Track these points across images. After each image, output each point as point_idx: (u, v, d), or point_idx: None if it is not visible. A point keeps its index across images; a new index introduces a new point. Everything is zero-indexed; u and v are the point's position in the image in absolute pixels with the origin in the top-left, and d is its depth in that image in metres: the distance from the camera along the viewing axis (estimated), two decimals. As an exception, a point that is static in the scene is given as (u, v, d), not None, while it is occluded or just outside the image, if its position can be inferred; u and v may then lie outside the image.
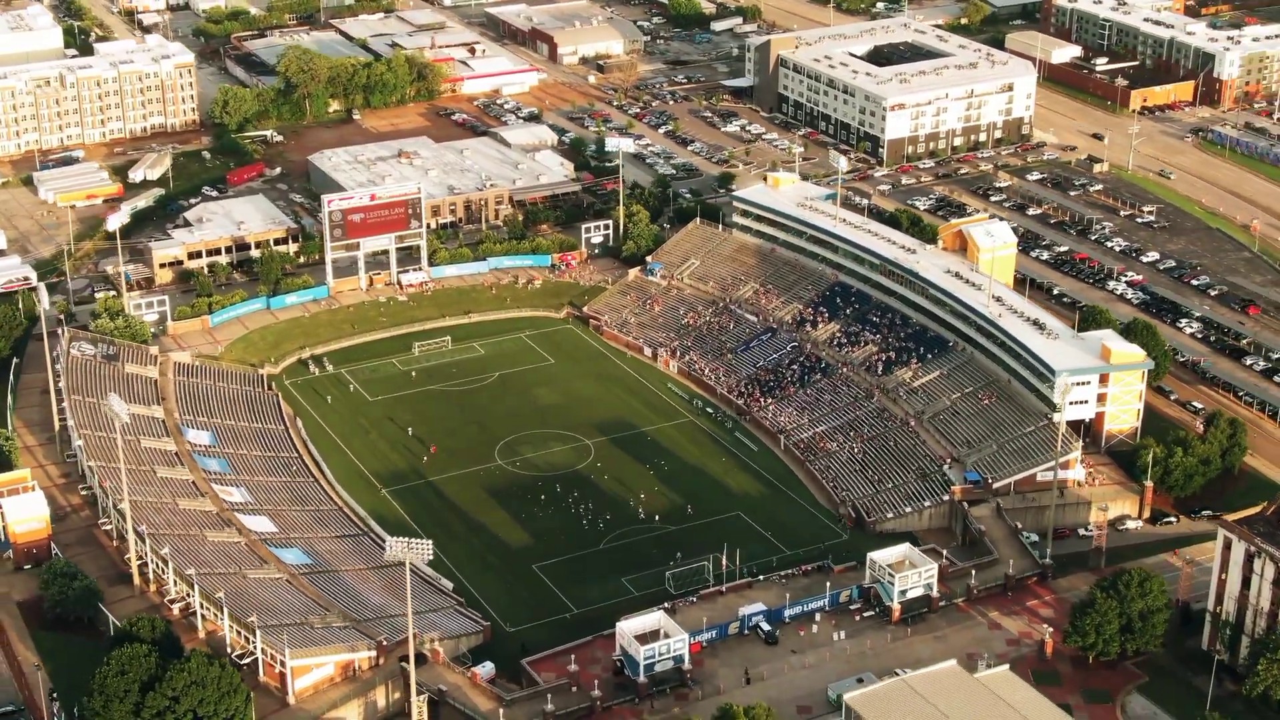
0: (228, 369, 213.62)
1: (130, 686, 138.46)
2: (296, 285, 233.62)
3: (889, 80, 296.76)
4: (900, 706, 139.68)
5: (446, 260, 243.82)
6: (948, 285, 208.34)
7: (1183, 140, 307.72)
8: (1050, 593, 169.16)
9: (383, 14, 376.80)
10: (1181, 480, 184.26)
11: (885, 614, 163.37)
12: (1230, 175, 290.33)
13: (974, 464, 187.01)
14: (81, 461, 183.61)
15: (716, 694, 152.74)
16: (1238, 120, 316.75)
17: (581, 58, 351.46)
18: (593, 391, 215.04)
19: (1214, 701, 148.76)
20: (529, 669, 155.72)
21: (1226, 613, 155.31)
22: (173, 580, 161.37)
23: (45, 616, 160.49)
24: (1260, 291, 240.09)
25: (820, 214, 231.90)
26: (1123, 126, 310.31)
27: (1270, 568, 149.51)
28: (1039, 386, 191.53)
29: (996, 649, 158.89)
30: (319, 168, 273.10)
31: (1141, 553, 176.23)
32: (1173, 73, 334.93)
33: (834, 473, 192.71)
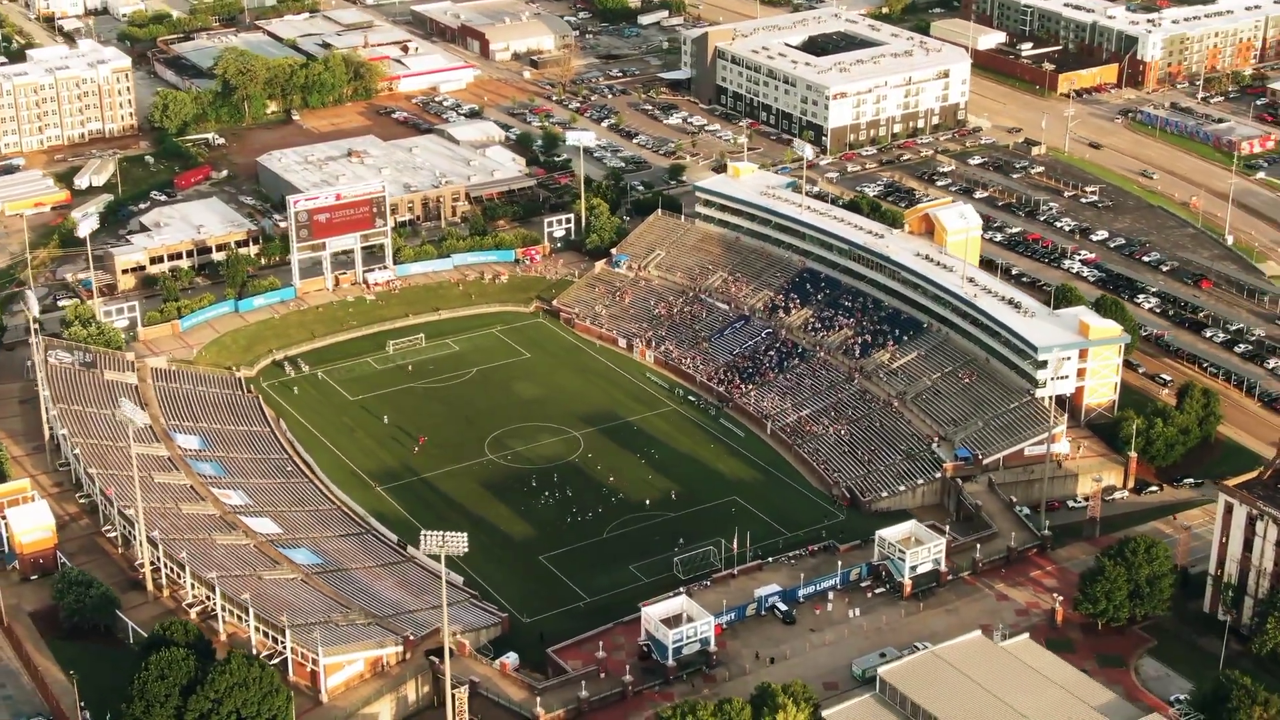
0: (205, 373, 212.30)
1: (171, 691, 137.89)
2: (264, 287, 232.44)
3: (829, 70, 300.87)
4: (934, 678, 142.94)
5: (411, 258, 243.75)
6: (921, 268, 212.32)
7: (1113, 121, 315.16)
8: (1051, 563, 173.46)
9: (308, 14, 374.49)
10: (1163, 450, 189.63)
11: (896, 590, 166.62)
12: (1163, 154, 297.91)
13: (962, 441, 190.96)
14: (77, 470, 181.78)
15: (742, 674, 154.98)
16: (1163, 100, 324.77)
17: (514, 54, 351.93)
18: (574, 384, 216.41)
19: (1222, 660, 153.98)
20: (555, 657, 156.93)
21: (1229, 575, 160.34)
22: (190, 584, 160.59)
23: (62, 626, 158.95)
24: (1210, 266, 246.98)
25: (785, 202, 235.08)
26: (1052, 109, 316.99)
27: (1273, 529, 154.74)
28: (1019, 363, 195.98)
29: (1007, 620, 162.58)
30: (269, 169, 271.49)
31: (1130, 521, 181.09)
32: (1096, 56, 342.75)
33: (823, 455, 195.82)
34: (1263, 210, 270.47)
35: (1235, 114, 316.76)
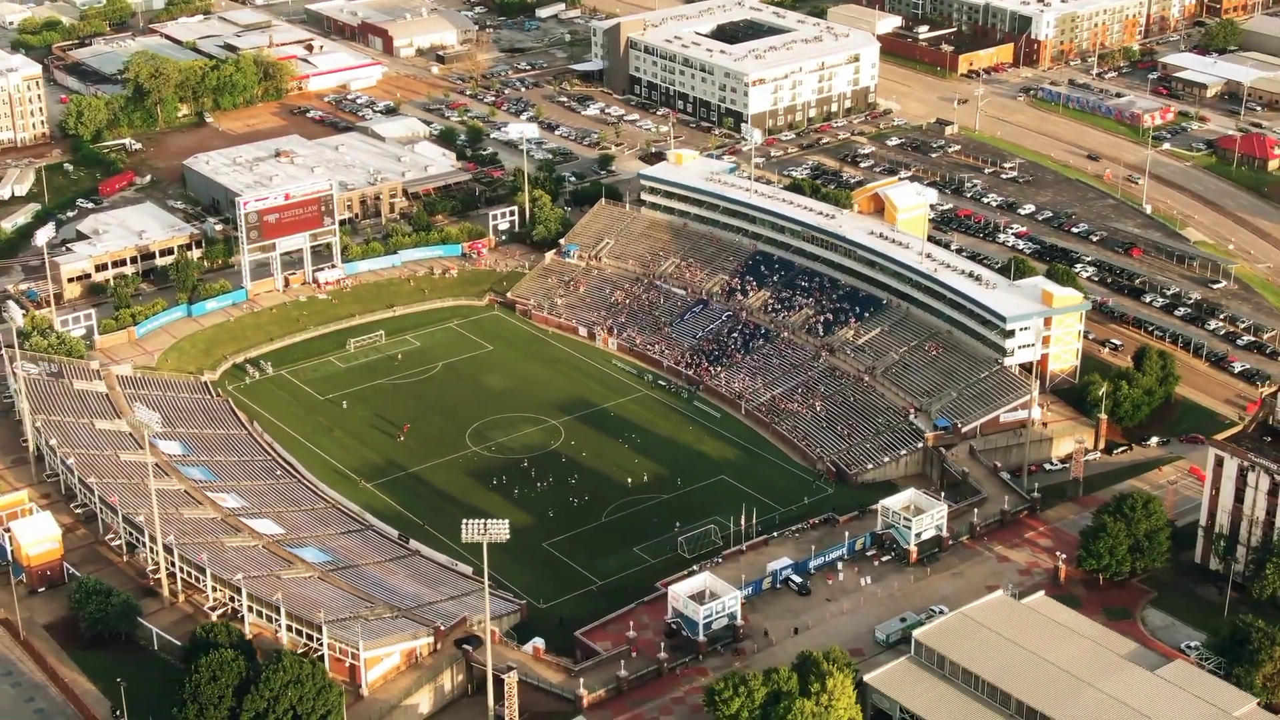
0: (171, 379, 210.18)
1: (224, 692, 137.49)
2: (215, 290, 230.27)
3: (745, 57, 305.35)
4: (967, 637, 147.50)
5: (359, 256, 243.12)
6: (880, 247, 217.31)
7: (1015, 100, 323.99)
8: (1042, 524, 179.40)
9: (202, 16, 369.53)
10: (1130, 411, 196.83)
11: (903, 557, 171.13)
12: (1068, 129, 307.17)
13: (939, 411, 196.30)
14: (67, 481, 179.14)
15: (769, 646, 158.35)
16: (1061, 78, 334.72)
17: (418, 50, 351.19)
18: (542, 374, 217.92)
19: (1226, 607, 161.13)
20: (584, 640, 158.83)
21: (1220, 526, 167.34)
22: (210, 588, 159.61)
23: (83, 636, 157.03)
24: (1138, 234, 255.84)
25: (733, 186, 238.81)
26: (955, 90, 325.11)
27: (1265, 479, 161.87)
28: (986, 334, 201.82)
29: (1011, 580, 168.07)
30: (197, 172, 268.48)
31: (1108, 481, 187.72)
32: (990, 37, 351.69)
33: (803, 431, 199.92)
34: (1174, 180, 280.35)
35: (1130, 88, 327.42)
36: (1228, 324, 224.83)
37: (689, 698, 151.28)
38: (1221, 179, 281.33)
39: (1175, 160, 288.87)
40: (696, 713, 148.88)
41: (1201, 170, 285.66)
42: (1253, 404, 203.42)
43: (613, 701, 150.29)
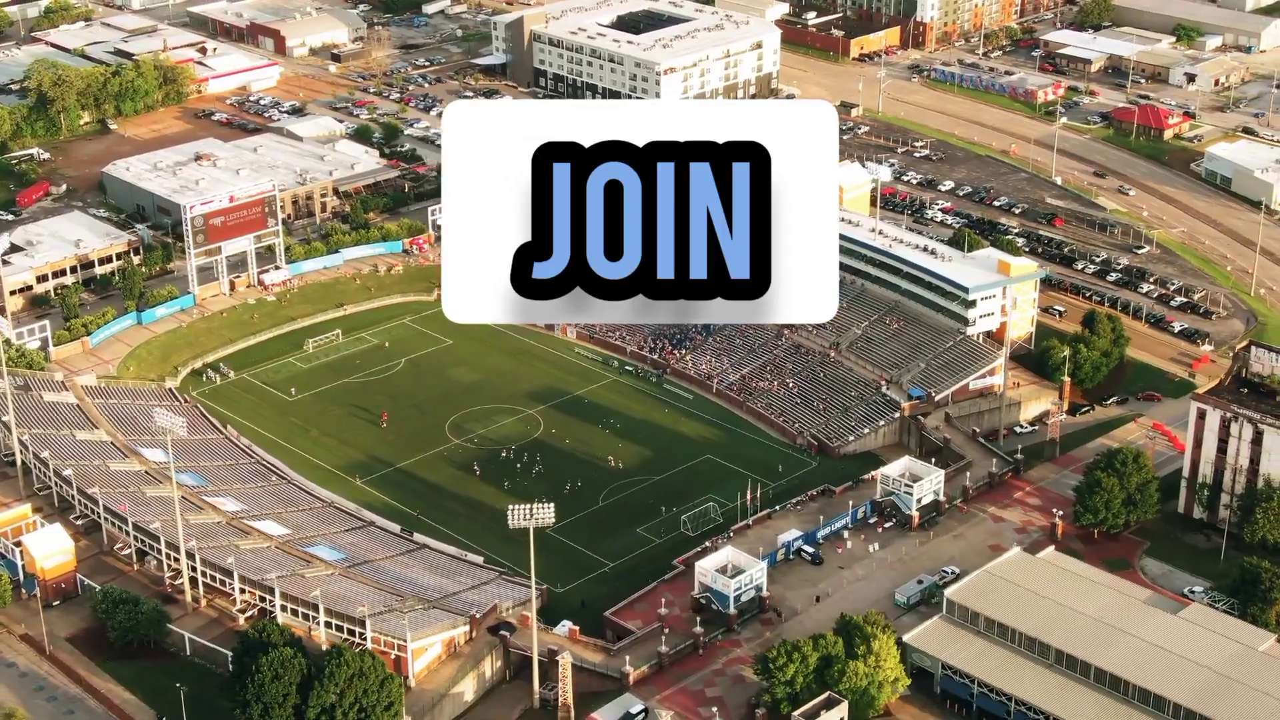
0: (136, 387, 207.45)
1: (288, 690, 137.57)
2: (163, 297, 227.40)
3: (653, 47, 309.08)
4: (996, 593, 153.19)
5: (302, 256, 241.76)
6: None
7: (910, 81, 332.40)
8: (1027, 484, 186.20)
9: (83, 22, 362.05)
10: (1091, 373, 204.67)
11: (904, 523, 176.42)
12: (965, 108, 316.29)
13: (911, 381, 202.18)
14: (63, 492, 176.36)
15: (794, 614, 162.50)
16: (950, 58, 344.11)
17: (311, 49, 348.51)
18: (508, 365, 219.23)
19: (1214, 552, 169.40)
20: (614, 620, 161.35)
21: (1203, 477, 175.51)
22: (238, 589, 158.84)
23: (111, 646, 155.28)
24: (1057, 204, 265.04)
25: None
26: (847, 74, 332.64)
27: (1248, 429, 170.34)
28: (947, 305, 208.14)
29: (1007, 539, 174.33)
30: (118, 179, 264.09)
31: (1079, 440, 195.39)
32: (876, 21, 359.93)
33: (778, 408, 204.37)
34: (1075, 152, 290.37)
35: (1017, 66, 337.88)
36: (1159, 286, 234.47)
37: (728, 669, 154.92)
38: (1121, 149, 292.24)
39: (1074, 134, 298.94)
40: (738, 683, 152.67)
41: (1100, 142, 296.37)
42: (1197, 361, 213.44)
43: (655, 677, 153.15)
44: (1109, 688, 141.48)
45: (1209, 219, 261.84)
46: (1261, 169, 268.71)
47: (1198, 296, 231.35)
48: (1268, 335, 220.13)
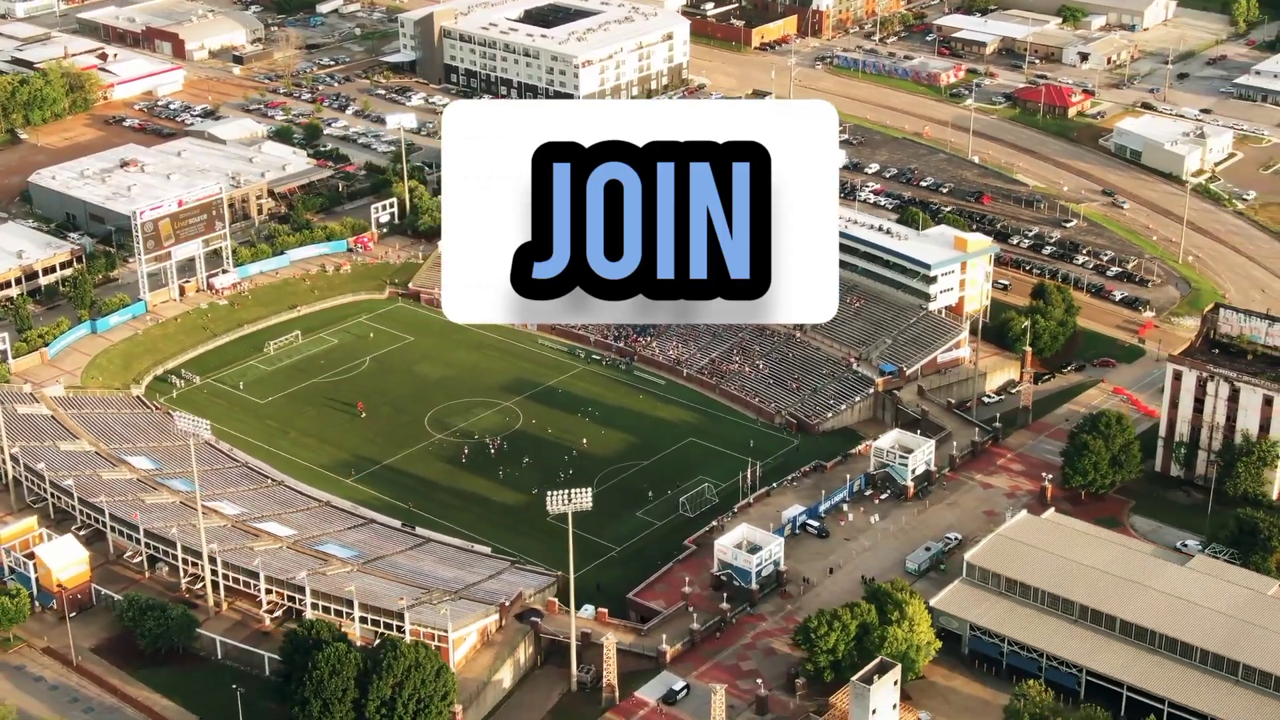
0: (105, 396, 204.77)
1: (346, 684, 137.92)
2: (114, 305, 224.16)
3: (568, 40, 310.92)
4: (1013, 554, 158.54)
5: (249, 259, 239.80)
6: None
7: (814, 69, 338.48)
8: (1007, 450, 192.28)
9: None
10: (1049, 343, 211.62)
11: (900, 493, 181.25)
12: (873, 93, 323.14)
13: (881, 357, 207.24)
14: (59, 504, 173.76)
15: (811, 587, 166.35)
16: (847, 45, 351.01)
17: (210, 52, 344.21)
18: (474, 359, 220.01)
19: (1196, 507, 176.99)
20: (637, 600, 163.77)
21: (1180, 435, 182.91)
22: (264, 590, 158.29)
23: (141, 654, 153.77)
24: (982, 182, 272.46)
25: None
26: (753, 63, 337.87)
27: (1225, 387, 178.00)
28: (907, 282, 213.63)
29: (999, 504, 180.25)
30: (46, 189, 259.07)
31: (1049, 406, 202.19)
32: (771, 10, 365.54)
33: (751, 389, 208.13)
34: (986, 132, 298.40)
35: (915, 51, 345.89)
36: (1093, 258, 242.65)
37: (758, 643, 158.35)
38: (1029, 128, 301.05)
39: (980, 114, 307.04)
40: (770, 656, 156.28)
41: (1009, 122, 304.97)
42: (1142, 327, 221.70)
43: (688, 655, 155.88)
44: (1134, 638, 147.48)
45: (1125, 191, 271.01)
46: (1171, 142, 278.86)
47: (1131, 266, 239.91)
48: (1201, 300, 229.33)
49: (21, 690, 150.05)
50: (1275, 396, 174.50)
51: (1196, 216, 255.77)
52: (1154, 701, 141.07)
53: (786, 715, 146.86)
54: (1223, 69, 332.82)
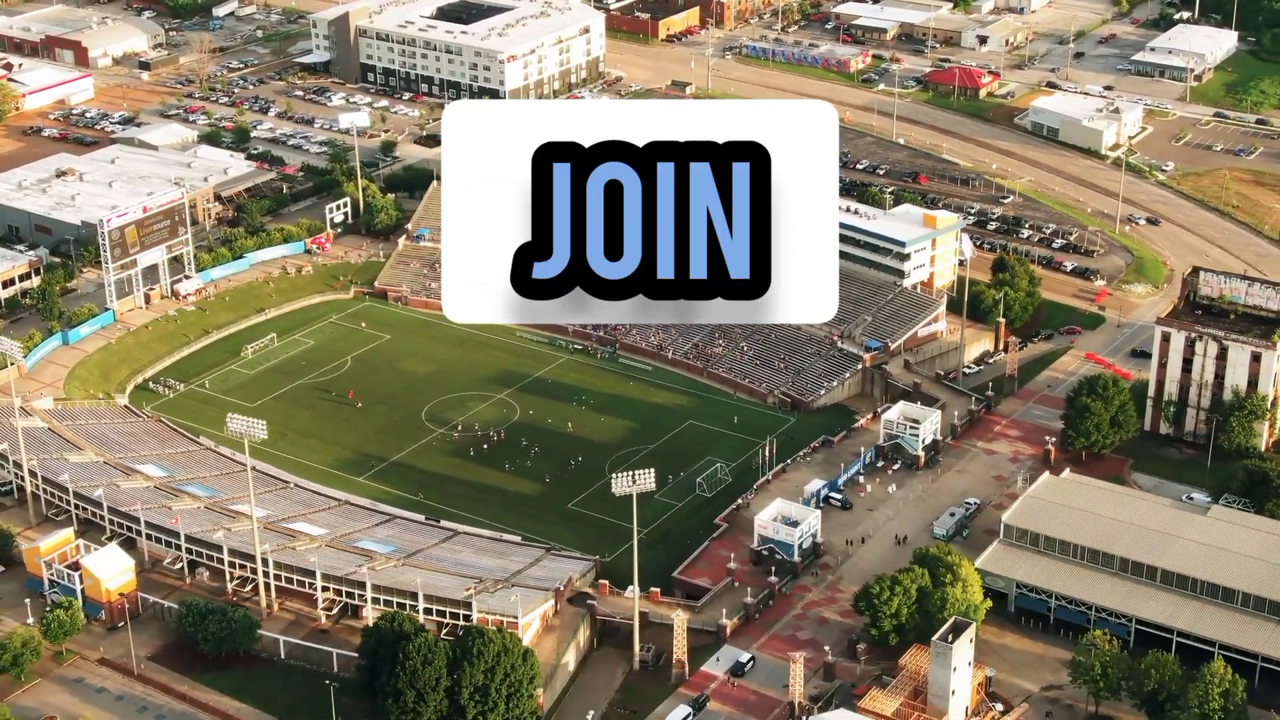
0: (94, 407, 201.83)
1: (439, 674, 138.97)
2: (84, 315, 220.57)
3: (489, 36, 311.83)
4: (1049, 513, 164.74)
5: (210, 264, 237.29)
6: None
7: (724, 58, 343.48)
8: (1001, 418, 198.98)
9: None
10: (1020, 313, 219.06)
11: (910, 463, 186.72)
12: (786, 80, 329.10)
13: (864, 334, 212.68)
14: (85, 515, 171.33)
15: (847, 557, 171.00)
16: (752, 35, 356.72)
17: (114, 59, 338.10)
18: (458, 354, 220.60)
19: (1189, 462, 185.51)
20: (684, 579, 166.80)
21: (1169, 395, 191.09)
22: (320, 587, 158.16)
23: (203, 658, 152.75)
24: (914, 163, 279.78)
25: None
26: (665, 55, 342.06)
27: (1213, 345, 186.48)
28: (881, 260, 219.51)
29: (1007, 469, 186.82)
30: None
31: (1029, 373, 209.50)
32: (673, 3, 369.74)
33: (740, 371, 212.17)
34: (905, 115, 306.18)
35: (818, 39, 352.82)
36: (1037, 231, 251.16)
37: (808, 613, 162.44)
38: (944, 110, 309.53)
39: (890, 98, 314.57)
40: (823, 625, 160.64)
41: (924, 105, 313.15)
42: (1098, 295, 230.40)
43: (745, 628, 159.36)
44: (1176, 586, 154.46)
45: (1048, 167, 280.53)
46: (1088, 118, 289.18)
47: (1074, 237, 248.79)
48: (1146, 268, 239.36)
49: (87, 702, 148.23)
50: (1263, 353, 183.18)
51: (1123, 189, 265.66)
52: (1205, 645, 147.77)
53: (854, 680, 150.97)
54: (1115, 47, 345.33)
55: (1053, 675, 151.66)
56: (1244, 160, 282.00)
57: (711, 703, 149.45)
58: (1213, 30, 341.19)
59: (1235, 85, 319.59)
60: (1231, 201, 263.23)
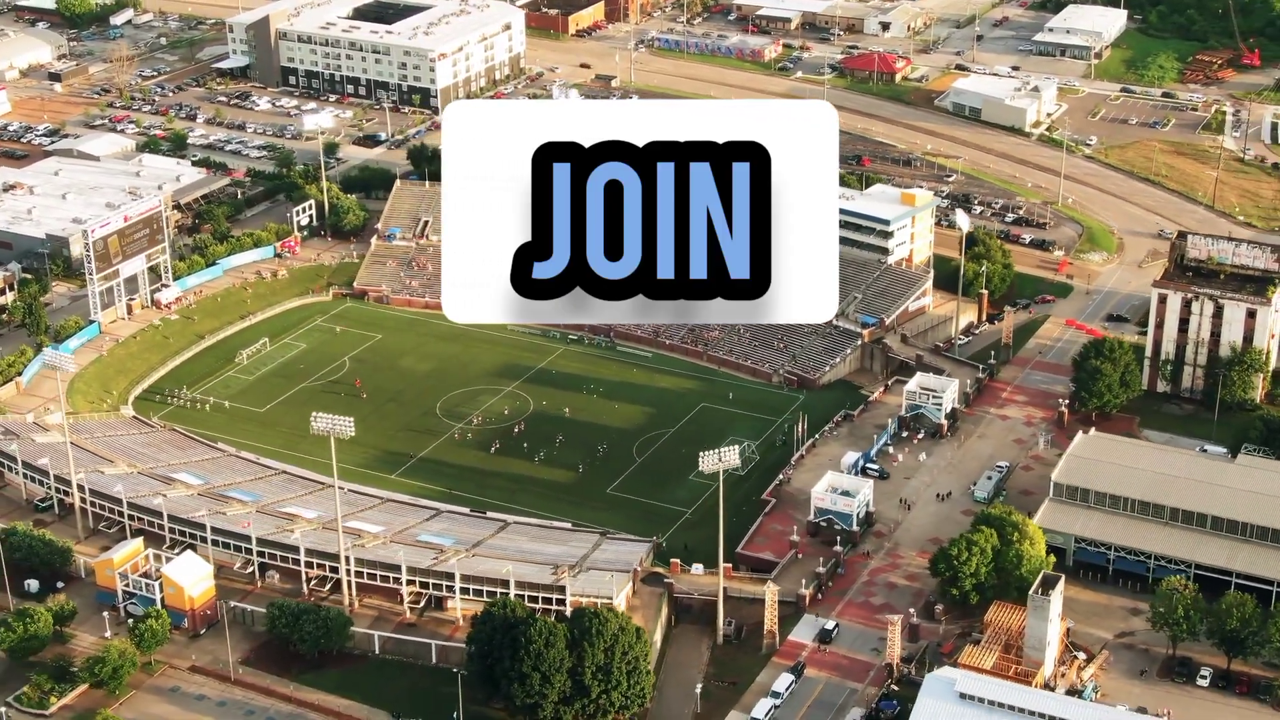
0: (106, 420, 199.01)
1: (562, 655, 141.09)
2: (71, 328, 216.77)
3: (415, 35, 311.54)
4: (1094, 470, 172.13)
5: (185, 271, 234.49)
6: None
7: (639, 51, 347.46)
8: (1005, 384, 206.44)
9: None
10: (999, 285, 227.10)
11: (934, 432, 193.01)
12: (706, 71, 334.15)
13: (858, 310, 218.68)
14: (136, 527, 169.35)
15: (896, 524, 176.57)
16: (658, 28, 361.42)
17: (19, 71, 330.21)
18: (455, 350, 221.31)
19: (1191, 417, 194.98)
20: (748, 554, 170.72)
21: (1166, 354, 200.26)
22: (405, 580, 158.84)
23: (299, 659, 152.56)
24: (853, 147, 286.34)
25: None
26: (579, 49, 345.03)
27: (1209, 305, 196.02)
28: (864, 239, 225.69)
29: (1024, 432, 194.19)
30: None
31: (1019, 341, 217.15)
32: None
33: (740, 353, 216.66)
34: (834, 102, 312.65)
35: (725, 30, 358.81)
36: (988, 207, 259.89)
37: (876, 579, 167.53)
38: (864, 95, 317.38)
39: (813, 85, 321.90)
40: (893, 589, 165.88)
41: (843, 90, 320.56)
42: (1060, 265, 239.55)
43: (819, 598, 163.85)
44: (1227, 531, 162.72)
45: (978, 146, 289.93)
46: (1010, 97, 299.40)
47: (1023, 212, 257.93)
48: (1098, 238, 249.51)
49: (189, 710, 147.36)
50: (1258, 309, 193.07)
51: (1052, 164, 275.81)
52: (1265, 585, 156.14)
53: (938, 639, 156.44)
54: (1010, 29, 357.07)
55: (1123, 623, 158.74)
56: (1160, 132, 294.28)
57: (807, 669, 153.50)
58: (1104, 9, 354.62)
59: (1133, 61, 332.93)
60: (1160, 171, 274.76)
